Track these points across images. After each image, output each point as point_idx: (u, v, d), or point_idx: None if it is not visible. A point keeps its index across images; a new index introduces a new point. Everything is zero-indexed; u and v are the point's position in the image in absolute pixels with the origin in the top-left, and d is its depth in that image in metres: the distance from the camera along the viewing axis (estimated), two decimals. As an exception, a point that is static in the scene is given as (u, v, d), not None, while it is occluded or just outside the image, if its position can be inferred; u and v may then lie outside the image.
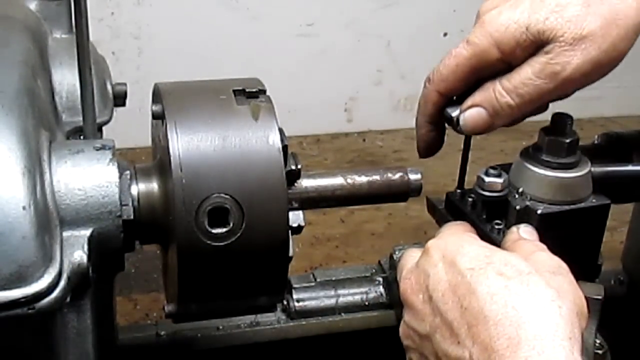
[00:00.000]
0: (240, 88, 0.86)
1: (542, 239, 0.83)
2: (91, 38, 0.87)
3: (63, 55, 1.01)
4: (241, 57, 2.43)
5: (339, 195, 0.91)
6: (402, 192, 0.93)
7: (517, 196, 0.87)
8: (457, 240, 0.79)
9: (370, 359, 1.24)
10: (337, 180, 0.91)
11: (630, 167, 0.98)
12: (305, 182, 0.89)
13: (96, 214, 0.79)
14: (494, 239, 0.85)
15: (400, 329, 0.82)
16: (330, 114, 2.66)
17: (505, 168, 0.89)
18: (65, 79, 1.00)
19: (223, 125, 0.82)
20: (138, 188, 0.84)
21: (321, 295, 1.20)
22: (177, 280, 0.83)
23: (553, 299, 0.70)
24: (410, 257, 0.83)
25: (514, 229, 0.84)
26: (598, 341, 0.89)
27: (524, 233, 0.83)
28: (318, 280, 1.21)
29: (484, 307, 0.70)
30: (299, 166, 0.86)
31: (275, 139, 0.83)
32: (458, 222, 0.89)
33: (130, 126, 1.66)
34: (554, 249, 0.79)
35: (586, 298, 0.75)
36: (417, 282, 0.78)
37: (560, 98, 0.90)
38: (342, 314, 1.20)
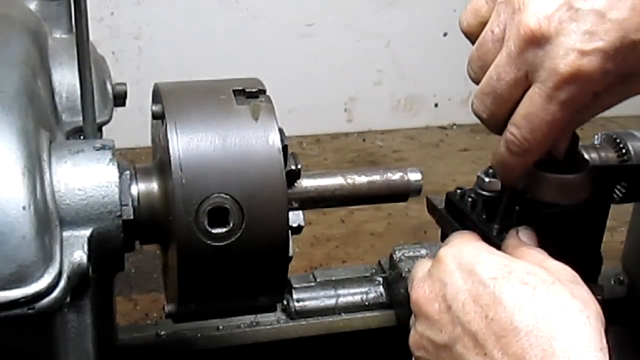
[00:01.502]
0: (240, 88, 0.86)
1: (542, 239, 0.83)
2: (91, 38, 0.87)
3: (63, 55, 1.01)
4: (241, 57, 2.43)
5: (339, 195, 0.91)
6: (402, 192, 0.93)
7: (517, 196, 0.87)
8: (473, 249, 0.77)
9: (370, 359, 1.24)
10: (337, 180, 0.91)
11: (630, 167, 0.98)
12: (305, 182, 0.89)
13: (96, 214, 0.79)
14: (493, 239, 0.85)
15: (411, 339, 0.80)
16: (330, 114, 2.65)
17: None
18: (65, 79, 1.00)
19: (223, 125, 0.82)
20: (138, 188, 0.84)
21: (321, 295, 1.20)
22: (177, 280, 0.82)
23: (581, 310, 0.69)
24: (421, 266, 0.82)
25: (513, 232, 0.83)
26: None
27: (524, 237, 0.82)
28: (318, 280, 1.21)
29: (512, 318, 0.69)
30: (299, 166, 0.86)
31: (275, 139, 0.82)
32: (466, 231, 0.87)
33: (130, 126, 1.66)
34: (554, 249, 0.79)
35: None
36: (432, 291, 0.77)
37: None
38: (342, 314, 1.20)
